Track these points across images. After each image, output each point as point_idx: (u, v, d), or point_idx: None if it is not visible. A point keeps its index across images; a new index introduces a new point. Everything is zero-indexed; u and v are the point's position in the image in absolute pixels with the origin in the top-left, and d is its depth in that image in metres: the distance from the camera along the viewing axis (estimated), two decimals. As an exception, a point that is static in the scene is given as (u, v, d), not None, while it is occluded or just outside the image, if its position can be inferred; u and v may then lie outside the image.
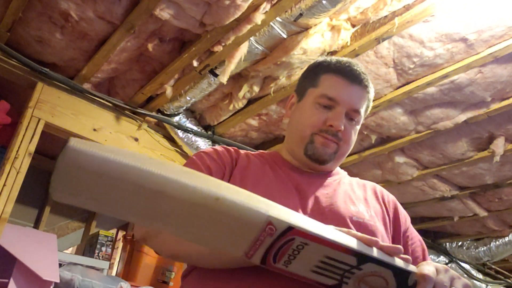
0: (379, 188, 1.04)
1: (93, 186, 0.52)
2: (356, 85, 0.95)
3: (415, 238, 0.99)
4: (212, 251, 0.75)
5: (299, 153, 0.97)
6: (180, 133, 2.41)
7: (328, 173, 1.01)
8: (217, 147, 1.00)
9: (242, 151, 1.01)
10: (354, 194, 0.96)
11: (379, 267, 0.63)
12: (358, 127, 1.00)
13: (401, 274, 0.64)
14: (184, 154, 2.48)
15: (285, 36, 1.84)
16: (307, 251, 0.60)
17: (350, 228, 0.79)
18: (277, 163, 0.99)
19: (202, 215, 0.57)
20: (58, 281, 2.03)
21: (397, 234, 0.97)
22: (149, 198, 0.54)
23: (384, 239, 0.89)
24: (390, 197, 1.02)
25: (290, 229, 0.59)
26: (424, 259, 0.97)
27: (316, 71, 1.01)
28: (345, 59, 1.02)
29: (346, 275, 0.63)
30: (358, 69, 0.97)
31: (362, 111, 0.97)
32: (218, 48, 1.86)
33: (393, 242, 0.94)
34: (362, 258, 0.62)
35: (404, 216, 1.01)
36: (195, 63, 1.96)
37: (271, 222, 0.58)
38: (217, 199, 0.56)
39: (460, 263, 3.76)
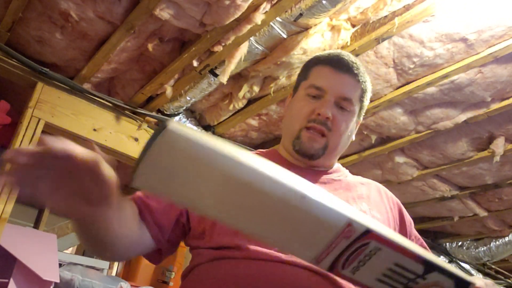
0: (383, 188, 1.03)
1: (185, 172, 0.51)
2: (344, 73, 0.95)
3: (418, 242, 0.98)
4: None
5: (290, 148, 0.96)
6: (180, 133, 2.40)
7: (328, 170, 0.99)
8: None
9: None
10: (356, 193, 0.94)
11: (443, 277, 0.62)
12: (354, 118, 0.97)
13: (462, 285, 0.63)
14: (184, 154, 2.48)
15: (285, 36, 1.84)
16: (378, 257, 0.59)
17: None
18: (274, 161, 0.98)
19: (285, 212, 0.55)
20: (58, 281, 2.03)
21: None
22: (237, 189, 0.53)
23: None
24: (394, 199, 1.01)
25: (368, 232, 0.58)
26: None
27: (308, 65, 1.02)
28: (337, 51, 1.02)
29: (409, 285, 0.62)
30: (347, 58, 0.97)
31: (355, 100, 0.95)
32: (218, 48, 1.86)
33: None
34: (430, 267, 0.61)
35: (409, 221, 1.00)
36: (195, 63, 1.96)
37: (351, 223, 0.57)
38: (303, 197, 0.55)
39: (460, 263, 3.76)
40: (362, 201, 0.92)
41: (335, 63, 0.96)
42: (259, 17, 1.68)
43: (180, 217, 0.86)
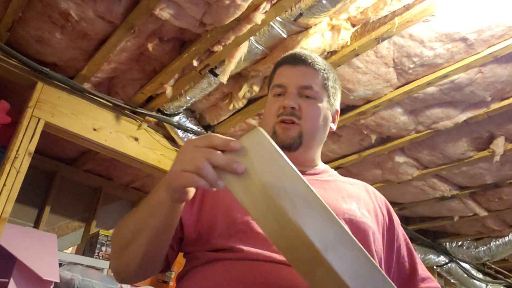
0: (371, 188, 1.06)
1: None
2: (299, 65, 1.01)
3: (403, 242, 1.01)
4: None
5: None
6: (180, 133, 2.41)
7: (316, 171, 1.02)
8: None
9: None
10: (346, 192, 0.97)
11: None
12: (322, 104, 1.00)
13: None
14: (184, 154, 2.48)
15: (285, 35, 1.84)
16: None
17: None
18: None
19: None
20: (58, 280, 2.04)
21: (391, 238, 0.98)
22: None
23: (375, 236, 0.90)
24: (382, 198, 1.04)
25: None
26: (411, 259, 1.00)
27: (272, 72, 1.08)
28: (293, 50, 1.09)
29: None
30: (300, 52, 1.03)
31: (316, 87, 0.99)
32: (218, 48, 1.86)
33: (388, 246, 0.97)
34: None
35: (397, 220, 1.03)
36: (195, 63, 1.96)
37: None
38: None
39: (460, 263, 3.76)
40: (352, 200, 0.94)
41: (290, 60, 1.03)
42: (259, 17, 1.68)
43: (178, 232, 0.89)
